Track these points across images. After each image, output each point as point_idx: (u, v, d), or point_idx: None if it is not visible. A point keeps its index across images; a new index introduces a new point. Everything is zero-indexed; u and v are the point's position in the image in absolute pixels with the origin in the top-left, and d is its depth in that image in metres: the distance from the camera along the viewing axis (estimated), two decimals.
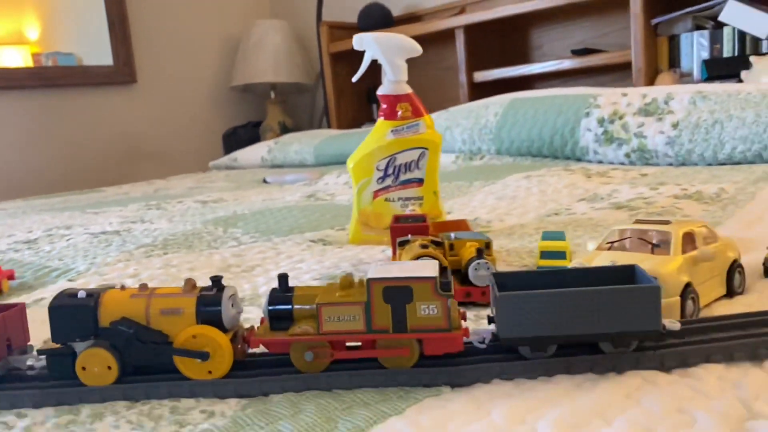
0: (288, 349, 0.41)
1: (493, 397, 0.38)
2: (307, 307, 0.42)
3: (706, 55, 1.70)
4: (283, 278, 0.44)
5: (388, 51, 0.79)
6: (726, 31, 1.66)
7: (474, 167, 1.48)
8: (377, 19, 2.45)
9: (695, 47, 1.72)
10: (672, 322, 0.38)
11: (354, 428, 0.36)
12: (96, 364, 0.42)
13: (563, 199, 1.00)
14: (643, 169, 1.26)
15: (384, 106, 0.80)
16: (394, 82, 0.79)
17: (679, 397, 0.36)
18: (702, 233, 0.46)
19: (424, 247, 0.55)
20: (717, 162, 1.22)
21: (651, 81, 1.77)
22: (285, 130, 2.76)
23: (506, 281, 0.42)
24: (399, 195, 0.80)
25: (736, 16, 1.60)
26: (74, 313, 0.42)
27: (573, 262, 0.48)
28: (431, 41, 2.51)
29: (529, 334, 0.38)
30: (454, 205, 1.03)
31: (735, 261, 0.46)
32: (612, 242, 0.48)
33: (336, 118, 2.58)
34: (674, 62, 1.78)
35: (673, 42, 1.77)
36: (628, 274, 0.41)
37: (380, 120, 0.81)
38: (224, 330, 0.42)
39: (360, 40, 0.79)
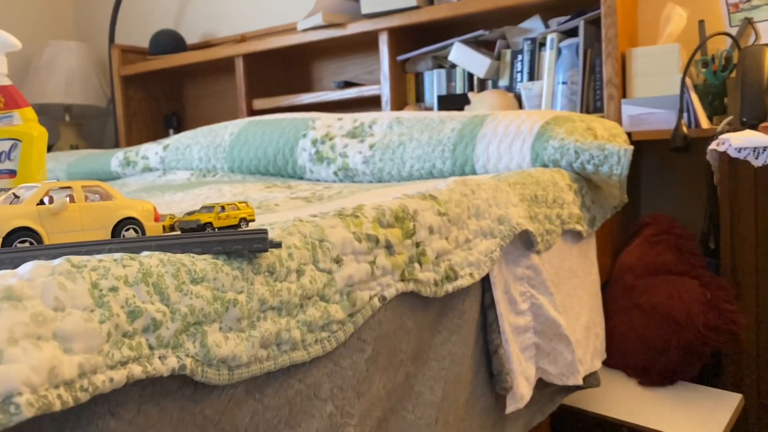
0: None
1: None
2: None
3: (443, 91, 1.86)
4: None
5: None
6: (458, 70, 1.84)
7: (197, 182, 1.50)
8: (167, 45, 2.46)
9: (435, 84, 1.88)
10: None
11: None
12: None
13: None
14: (348, 186, 1.34)
15: None
16: None
17: None
18: (98, 193, 0.51)
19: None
20: (402, 179, 1.33)
21: None
22: None
23: None
24: None
25: (462, 57, 1.78)
26: None
27: None
28: (226, 69, 2.56)
29: None
30: None
31: (126, 218, 0.51)
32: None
33: (126, 141, 2.53)
34: (420, 97, 1.93)
35: (419, 78, 1.93)
36: None
37: None
38: None
39: None
